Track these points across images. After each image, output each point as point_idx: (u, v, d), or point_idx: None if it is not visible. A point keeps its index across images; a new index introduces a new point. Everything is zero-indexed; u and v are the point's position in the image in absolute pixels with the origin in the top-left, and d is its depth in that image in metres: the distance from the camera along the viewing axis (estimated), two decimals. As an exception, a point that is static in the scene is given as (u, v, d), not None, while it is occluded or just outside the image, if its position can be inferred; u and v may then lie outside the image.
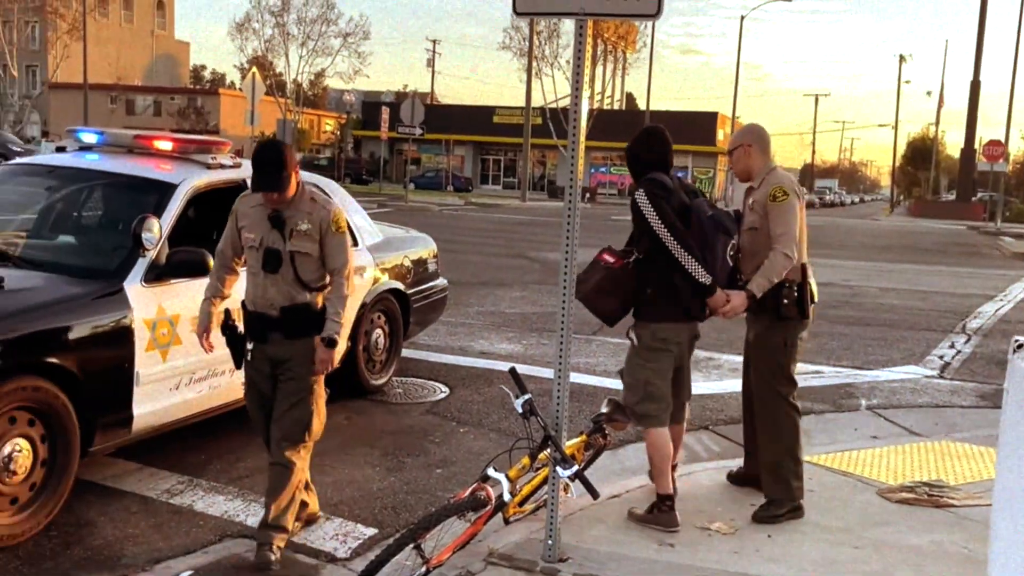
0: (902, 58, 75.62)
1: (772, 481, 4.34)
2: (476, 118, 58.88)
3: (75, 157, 5.43)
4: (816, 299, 4.40)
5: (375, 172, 50.99)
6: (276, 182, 3.68)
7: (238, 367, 3.96)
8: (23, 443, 3.83)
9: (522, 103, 47.97)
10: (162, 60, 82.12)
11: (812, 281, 4.34)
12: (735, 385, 7.49)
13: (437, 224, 23.37)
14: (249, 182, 5.31)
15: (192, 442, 5.10)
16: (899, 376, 8.11)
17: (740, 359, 8.49)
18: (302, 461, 3.94)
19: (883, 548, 4.10)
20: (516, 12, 3.64)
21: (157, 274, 4.43)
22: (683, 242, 3.93)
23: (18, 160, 6.06)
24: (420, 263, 7.18)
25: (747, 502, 4.54)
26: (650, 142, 4.25)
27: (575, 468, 3.53)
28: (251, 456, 5.06)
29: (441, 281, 7.64)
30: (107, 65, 66.32)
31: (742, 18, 56.79)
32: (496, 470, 3.70)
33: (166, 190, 4.79)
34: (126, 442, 4.45)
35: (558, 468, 3.57)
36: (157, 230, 4.31)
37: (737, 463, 5.07)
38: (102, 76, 63.54)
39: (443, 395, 6.68)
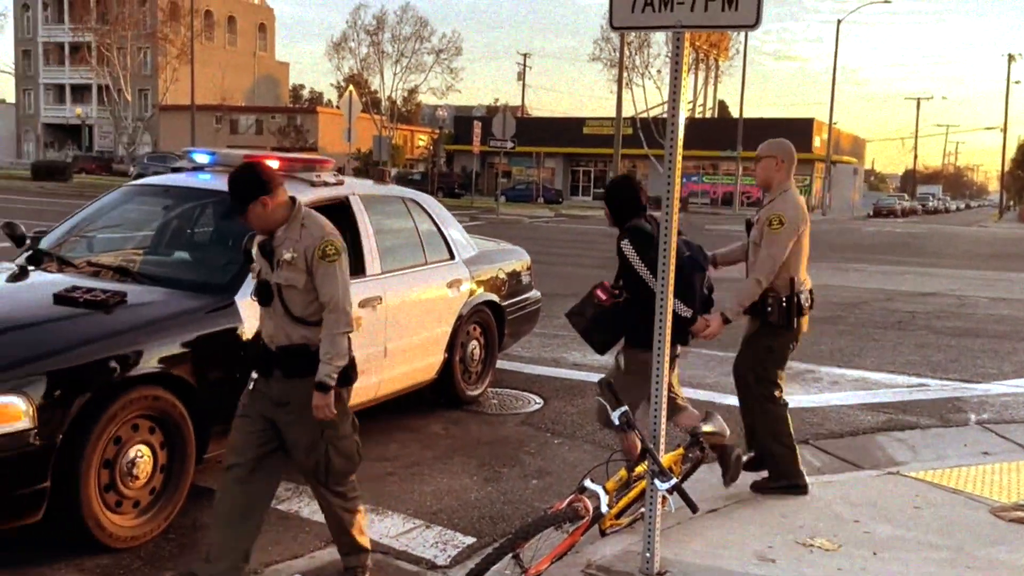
0: (1011, 57, 72.11)
1: (767, 460, 4.89)
2: (566, 130, 58.98)
3: (189, 177, 5.72)
4: (806, 313, 4.77)
5: (467, 185, 51.59)
6: (236, 206, 3.50)
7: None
8: (144, 449, 4.05)
9: (612, 114, 47.78)
10: (263, 81, 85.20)
11: (804, 293, 4.73)
12: (835, 398, 7.34)
13: (528, 236, 23.51)
14: (352, 199, 5.54)
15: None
16: (1011, 390, 7.78)
17: (841, 372, 8.29)
18: (342, 499, 3.79)
19: (997, 568, 3.95)
20: (613, 27, 3.69)
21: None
22: (687, 284, 4.30)
23: (136, 181, 6.39)
24: (514, 275, 7.26)
25: (850, 518, 4.45)
26: (624, 193, 4.59)
27: (673, 481, 3.53)
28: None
29: (535, 293, 7.72)
30: (212, 87, 69.21)
31: (839, 22, 55.20)
32: (593, 482, 3.72)
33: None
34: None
35: (656, 481, 3.57)
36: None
37: (839, 477, 4.96)
38: (208, 97, 66.32)
39: (537, 406, 6.73)
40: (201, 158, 5.67)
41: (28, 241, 5.25)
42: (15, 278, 4.76)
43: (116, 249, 5.52)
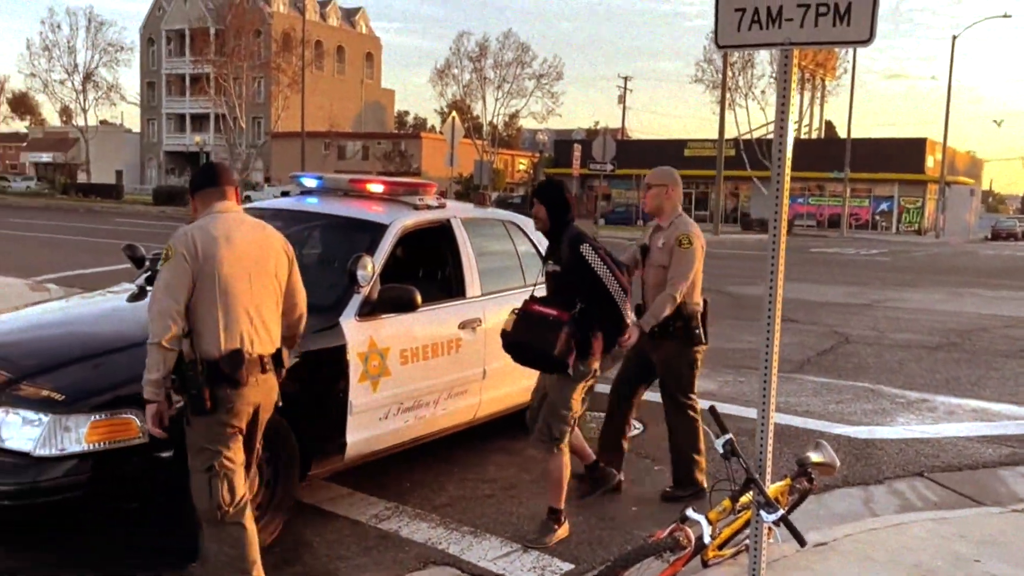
0: None
1: (677, 470, 5.20)
2: (667, 152, 58.31)
3: (297, 201, 5.89)
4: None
5: (566, 208, 51.53)
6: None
7: None
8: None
9: (714, 135, 47.19)
10: (370, 108, 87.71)
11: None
12: (952, 430, 6.98)
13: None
14: (453, 222, 5.60)
15: (398, 469, 5.34)
16: None
17: (958, 401, 7.88)
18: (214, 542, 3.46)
19: None
20: (718, 45, 3.63)
21: (369, 309, 4.70)
22: (626, 292, 4.43)
23: (248, 205, 6.62)
24: (614, 299, 7.18)
25: (970, 557, 4.20)
26: (562, 196, 4.57)
27: (780, 512, 3.40)
28: (453, 485, 5.24)
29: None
30: (322, 114, 71.61)
31: (954, 38, 53.13)
32: (695, 511, 3.62)
33: (378, 230, 5.09)
34: (341, 468, 4.74)
35: (762, 512, 3.46)
36: (370, 268, 4.57)
37: (958, 513, 4.70)
38: (317, 124, 68.62)
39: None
40: (309, 182, 5.85)
41: (147, 263, 5.50)
42: (135, 298, 4.99)
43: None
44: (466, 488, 5.23)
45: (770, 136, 51.66)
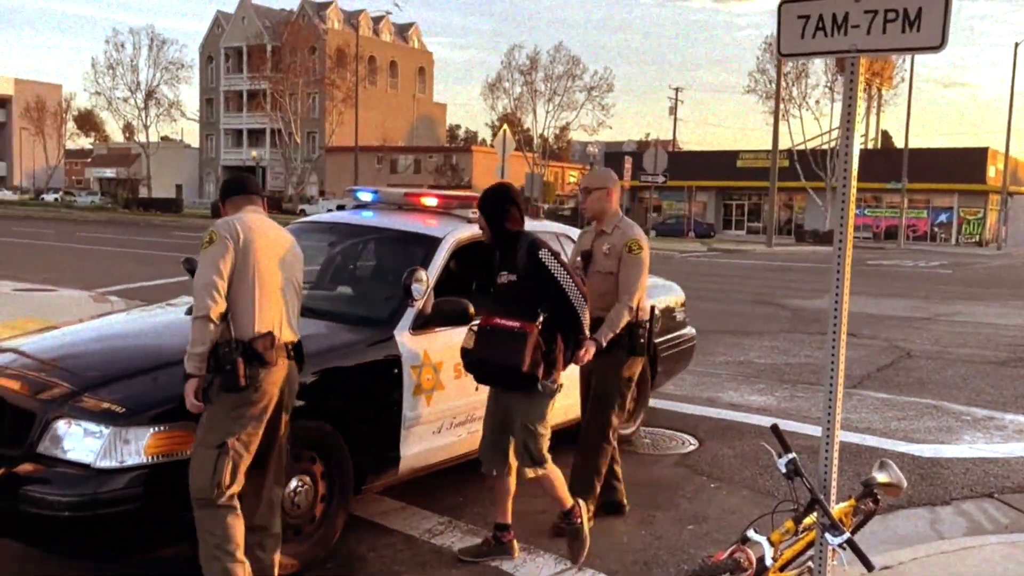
0: None
1: (583, 484, 4.76)
2: (719, 163, 57.90)
3: (352, 214, 5.93)
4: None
5: (617, 220, 51.39)
6: None
7: None
8: (306, 479, 4.16)
9: (767, 146, 46.62)
10: (422, 122, 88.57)
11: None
12: (1023, 449, 6.72)
13: (679, 271, 23.09)
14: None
15: (451, 484, 5.31)
16: None
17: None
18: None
19: None
20: (781, 54, 3.55)
21: (423, 322, 4.69)
22: (585, 297, 4.20)
23: (304, 219, 6.69)
24: (668, 311, 7.10)
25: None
26: (506, 204, 4.27)
27: (846, 535, 3.29)
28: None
29: (689, 330, 7.51)
30: (374, 128, 72.54)
31: (1016, 45, 51.72)
32: (756, 532, 3.52)
33: (432, 243, 5.09)
34: (394, 481, 4.72)
35: (827, 534, 3.35)
36: (424, 281, 4.56)
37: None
38: (370, 139, 69.51)
39: (693, 447, 6.51)
40: (365, 196, 5.88)
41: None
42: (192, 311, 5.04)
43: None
44: (519, 504, 5.14)
45: (824, 147, 50.94)
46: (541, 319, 4.13)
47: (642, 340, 4.75)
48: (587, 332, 4.33)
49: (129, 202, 61.37)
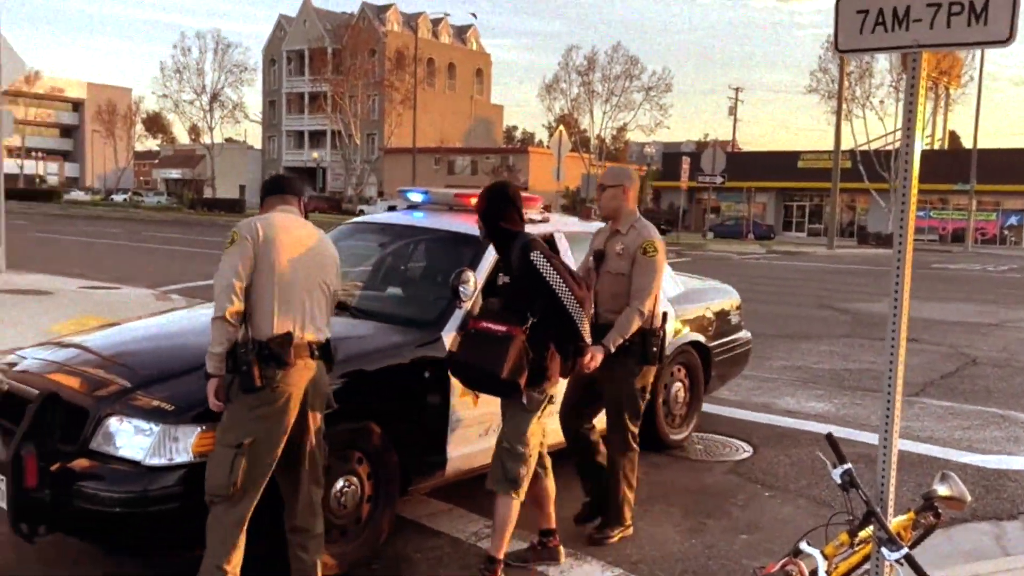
0: None
1: (608, 508, 4.66)
2: (779, 164, 56.99)
3: (403, 215, 5.93)
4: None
5: (674, 222, 51.01)
6: None
7: None
8: (353, 479, 4.16)
9: (829, 147, 45.70)
10: (479, 123, 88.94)
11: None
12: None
13: (737, 273, 22.75)
14: (556, 236, 5.52)
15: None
16: None
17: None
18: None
19: None
20: (838, 50, 3.43)
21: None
22: (582, 304, 3.94)
23: (355, 219, 6.72)
24: (722, 315, 6.97)
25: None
26: (503, 203, 4.10)
27: (904, 550, 3.16)
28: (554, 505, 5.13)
29: (744, 334, 7.37)
30: (432, 130, 73.12)
31: (1094, 40, 49.72)
32: (809, 544, 3.41)
33: (481, 245, 5.05)
34: (440, 483, 4.70)
35: (883, 549, 3.22)
36: (472, 283, 4.52)
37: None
38: (428, 140, 70.05)
39: (746, 454, 6.37)
40: (415, 197, 5.88)
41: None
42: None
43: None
44: (567, 509, 5.10)
45: (888, 147, 49.71)
46: (529, 323, 3.91)
47: (655, 348, 4.52)
48: (587, 339, 4.02)
49: (194, 202, 62.87)
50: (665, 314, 4.64)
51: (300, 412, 3.57)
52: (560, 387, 4.52)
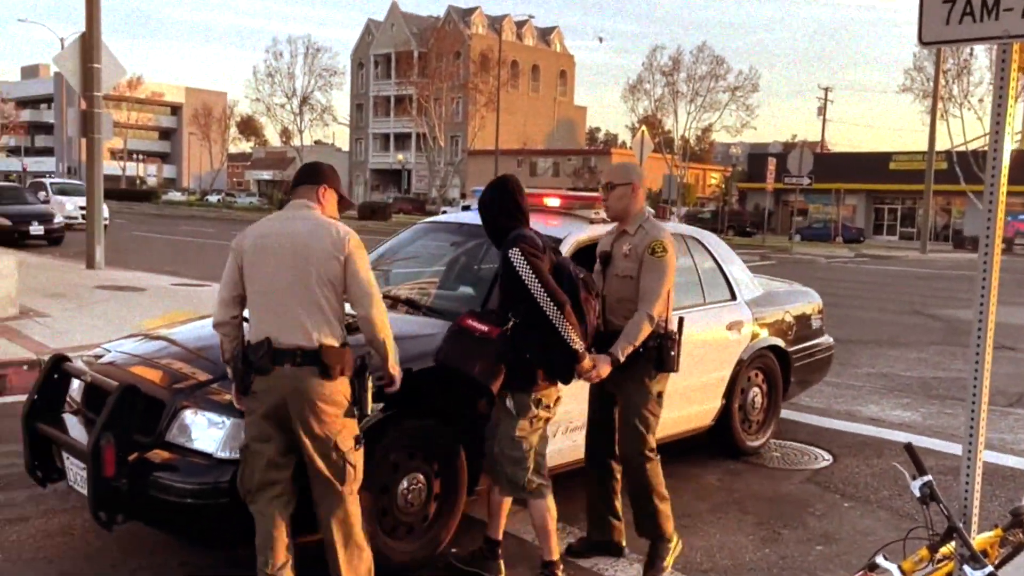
0: None
1: (641, 523, 4.32)
2: (870, 165, 55.23)
3: (476, 215, 5.93)
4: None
5: (759, 224, 50.01)
6: None
7: None
8: (420, 477, 4.18)
9: (923, 148, 44.09)
10: (562, 124, 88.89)
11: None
12: None
13: (823, 277, 22.15)
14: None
15: (566, 490, 5.21)
16: None
17: None
18: None
19: None
20: (922, 42, 3.28)
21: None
22: (561, 307, 3.71)
23: (428, 219, 6.77)
24: (803, 319, 6.77)
25: None
26: (502, 197, 3.97)
27: (988, 569, 2.99)
28: (623, 510, 5.05)
29: (826, 339, 7.14)
30: (515, 132, 73.41)
31: None
32: (886, 559, 3.26)
33: (552, 243, 5.02)
34: (507, 484, 4.68)
35: (965, 567, 3.06)
36: (540, 282, 4.49)
37: None
38: (511, 142, 70.35)
39: (826, 463, 6.17)
40: (488, 197, 5.87)
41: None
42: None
43: (409, 282, 5.84)
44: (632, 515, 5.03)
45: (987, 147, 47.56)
46: (510, 324, 3.78)
47: (672, 354, 4.17)
48: (576, 345, 3.76)
49: (283, 203, 64.37)
50: (681, 320, 4.26)
51: (288, 421, 3.43)
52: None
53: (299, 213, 3.56)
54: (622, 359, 4.02)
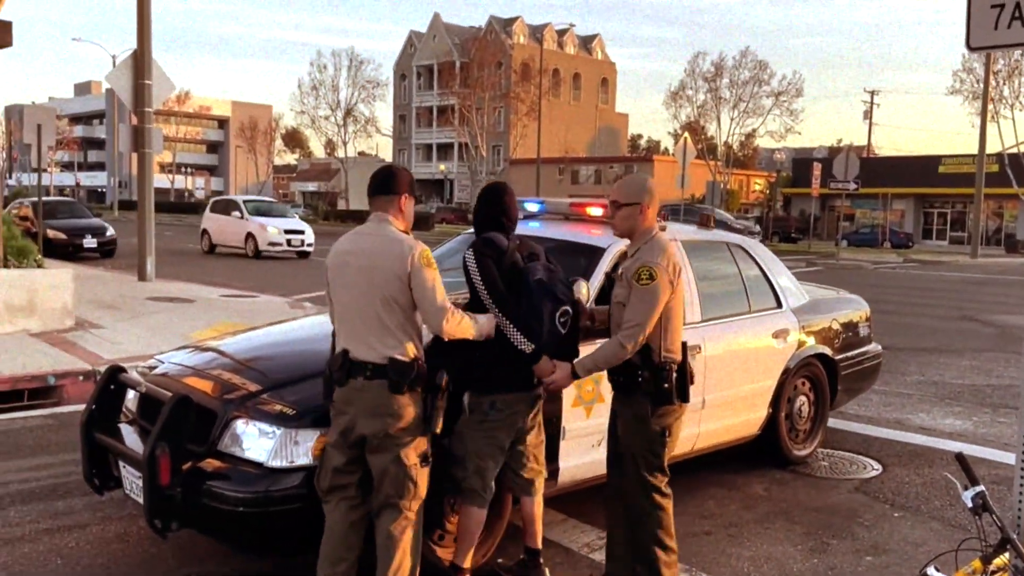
0: None
1: (644, 572, 3.91)
2: (918, 169, 54.25)
3: (520, 225, 5.96)
4: (695, 380, 3.99)
5: (804, 230, 49.37)
6: None
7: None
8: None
9: (973, 151, 43.20)
10: (604, 132, 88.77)
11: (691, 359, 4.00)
12: None
13: (871, 283, 21.82)
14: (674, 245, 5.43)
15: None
16: None
17: None
18: None
19: None
20: (970, 48, 3.25)
21: (584, 334, 4.62)
22: (503, 306, 3.74)
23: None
24: (850, 326, 6.69)
25: None
26: (484, 202, 4.04)
27: (1041, 581, 2.94)
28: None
29: (874, 346, 7.05)
30: (557, 140, 73.44)
31: None
32: (938, 570, 3.22)
33: (595, 254, 5.04)
34: (553, 493, 4.68)
35: (1018, 578, 3.01)
36: (585, 292, 4.49)
37: None
38: (552, 150, 70.36)
39: (875, 472, 6.09)
40: (531, 207, 5.92)
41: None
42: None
43: (453, 292, 5.88)
44: (683, 523, 4.99)
45: (1043, 149, 46.49)
46: None
47: (667, 385, 3.78)
48: (524, 346, 3.75)
49: (328, 214, 65.19)
50: (685, 344, 3.92)
51: (358, 431, 3.54)
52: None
53: (375, 228, 3.65)
54: (581, 375, 3.91)
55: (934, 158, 55.28)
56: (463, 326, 3.63)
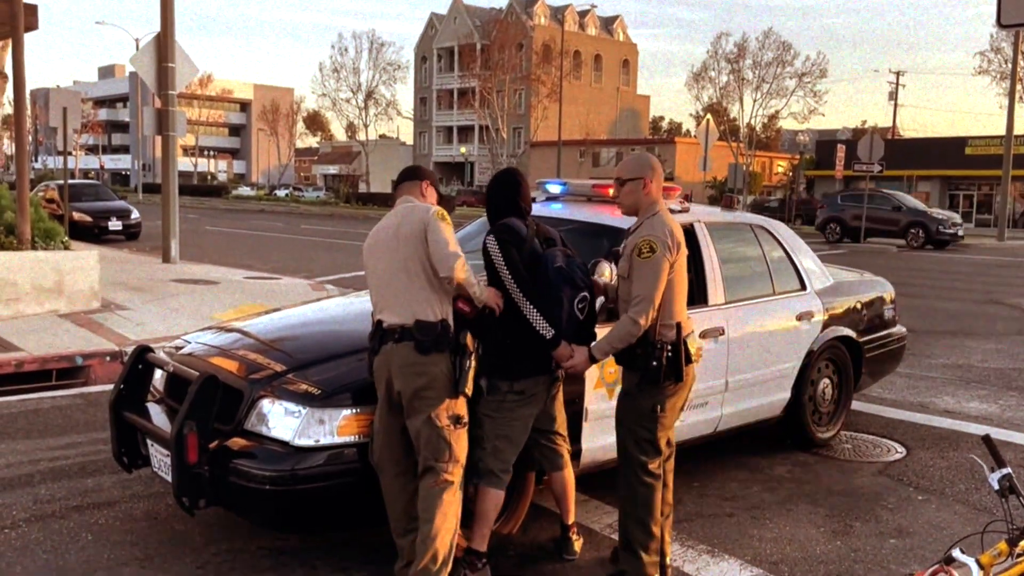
0: None
1: (622, 552, 3.96)
2: (944, 151, 53.50)
3: (542, 206, 5.95)
4: (695, 360, 3.99)
5: (829, 212, 48.80)
6: None
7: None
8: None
9: (1001, 131, 42.55)
10: (625, 114, 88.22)
11: (692, 340, 4.00)
12: None
13: (895, 266, 21.60)
14: (696, 226, 5.42)
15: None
16: None
17: None
18: None
19: None
20: (1001, 24, 3.23)
21: (607, 315, 4.63)
22: (526, 292, 3.79)
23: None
24: (874, 308, 6.65)
25: None
26: (501, 188, 4.07)
27: (1068, 563, 2.92)
28: (691, 500, 5.06)
29: (898, 329, 7.00)
30: (578, 122, 73.08)
31: None
32: (963, 552, 3.21)
33: (617, 235, 5.02)
34: (576, 474, 4.69)
35: (1044, 560, 2.99)
36: (608, 273, 4.50)
37: None
38: (573, 132, 70.05)
39: (899, 455, 6.06)
40: (554, 188, 5.91)
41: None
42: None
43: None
44: (705, 504, 5.03)
45: (1073, 130, 45.70)
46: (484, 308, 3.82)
47: (655, 363, 3.75)
48: (545, 331, 3.80)
49: (349, 197, 65.42)
50: (679, 324, 3.85)
51: (397, 397, 3.69)
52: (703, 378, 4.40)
53: (401, 207, 3.88)
54: (598, 357, 3.91)
55: (960, 139, 54.50)
56: (470, 279, 3.71)
